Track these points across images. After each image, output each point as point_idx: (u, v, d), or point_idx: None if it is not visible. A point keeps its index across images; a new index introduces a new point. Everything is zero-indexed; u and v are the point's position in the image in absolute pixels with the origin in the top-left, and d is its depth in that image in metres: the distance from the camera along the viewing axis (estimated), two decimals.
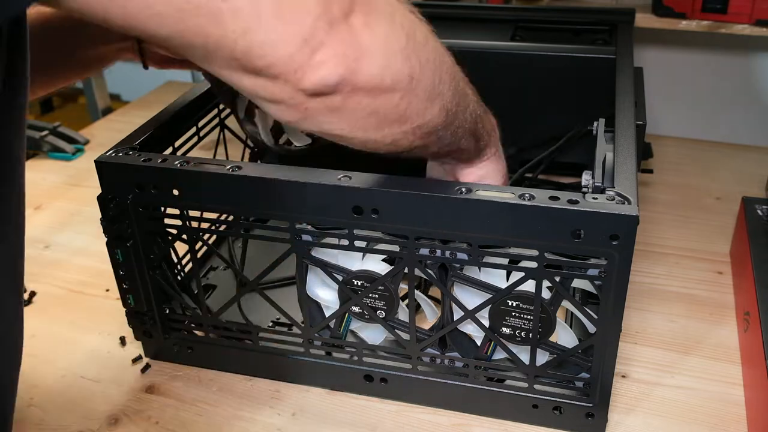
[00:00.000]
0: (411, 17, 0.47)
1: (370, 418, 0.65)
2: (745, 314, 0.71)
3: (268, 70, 0.40)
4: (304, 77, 0.41)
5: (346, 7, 0.41)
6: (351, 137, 0.47)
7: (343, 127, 0.45)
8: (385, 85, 0.44)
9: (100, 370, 0.71)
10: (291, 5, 0.39)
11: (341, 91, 0.42)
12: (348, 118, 0.45)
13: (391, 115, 0.46)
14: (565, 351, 0.59)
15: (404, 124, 0.47)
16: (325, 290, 0.64)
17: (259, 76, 0.41)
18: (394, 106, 0.45)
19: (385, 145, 0.49)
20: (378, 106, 0.45)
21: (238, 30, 0.38)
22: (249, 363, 0.69)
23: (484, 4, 1.07)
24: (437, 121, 0.49)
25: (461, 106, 0.51)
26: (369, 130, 0.46)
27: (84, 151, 1.14)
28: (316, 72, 0.40)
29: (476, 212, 0.53)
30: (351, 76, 0.42)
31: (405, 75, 0.44)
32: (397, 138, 0.48)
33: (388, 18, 0.44)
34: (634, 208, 0.50)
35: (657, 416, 0.64)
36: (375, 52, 0.42)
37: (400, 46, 0.44)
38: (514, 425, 0.63)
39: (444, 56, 0.49)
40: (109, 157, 0.60)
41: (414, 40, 0.45)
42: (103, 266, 0.75)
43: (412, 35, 0.45)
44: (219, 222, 0.62)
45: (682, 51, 1.11)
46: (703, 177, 1.02)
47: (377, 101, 0.44)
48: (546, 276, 0.55)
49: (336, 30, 0.40)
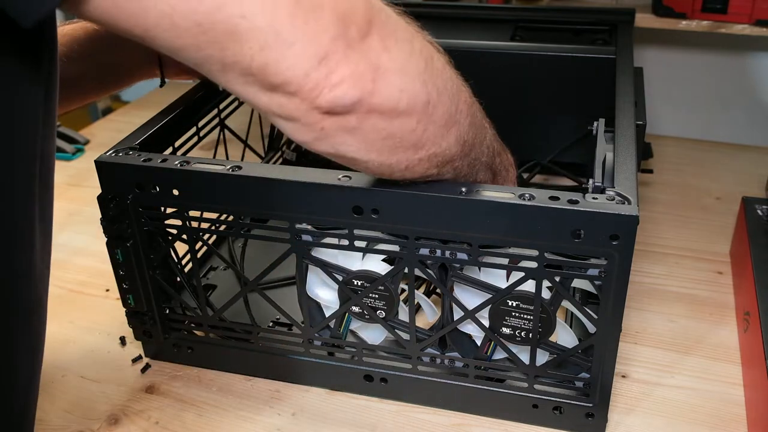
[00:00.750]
0: (429, 46, 0.47)
1: (370, 418, 0.65)
2: (745, 314, 0.71)
3: (284, 87, 0.40)
4: (320, 96, 0.41)
5: (364, 29, 0.41)
6: (366, 161, 0.47)
7: (358, 148, 0.45)
8: (402, 108, 0.44)
9: (100, 370, 0.71)
10: (309, 24, 0.39)
11: (357, 111, 0.42)
12: (363, 140, 0.45)
13: (406, 139, 0.46)
14: (565, 351, 0.59)
15: (420, 150, 0.47)
16: (325, 290, 0.64)
17: (275, 92, 0.41)
18: (410, 130, 0.45)
19: (400, 171, 0.48)
20: (394, 130, 0.44)
21: (255, 46, 0.38)
22: (249, 363, 0.69)
23: (484, 4, 1.07)
24: (453, 151, 0.49)
25: (478, 138, 0.51)
26: (383, 154, 0.46)
27: (84, 151, 1.14)
28: (332, 91, 0.41)
29: (476, 212, 0.53)
30: (367, 96, 0.42)
31: (422, 100, 0.44)
32: (412, 164, 0.48)
33: (406, 43, 0.44)
34: (634, 208, 0.50)
35: (657, 416, 0.64)
36: (392, 74, 0.42)
37: (418, 71, 0.44)
38: (514, 425, 0.63)
39: (461, 87, 0.49)
40: (109, 157, 0.60)
41: (432, 66, 0.45)
42: (103, 266, 0.75)
43: (431, 62, 0.45)
44: (219, 222, 0.62)
45: (682, 51, 1.11)
46: (703, 177, 1.02)
47: (393, 124, 0.44)
48: (546, 276, 0.55)
49: (353, 50, 0.40)
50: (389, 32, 0.43)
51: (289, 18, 0.38)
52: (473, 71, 0.53)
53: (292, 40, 0.38)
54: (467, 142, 0.50)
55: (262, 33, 0.38)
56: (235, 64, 0.39)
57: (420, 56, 0.45)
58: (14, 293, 0.44)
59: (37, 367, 0.48)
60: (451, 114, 0.47)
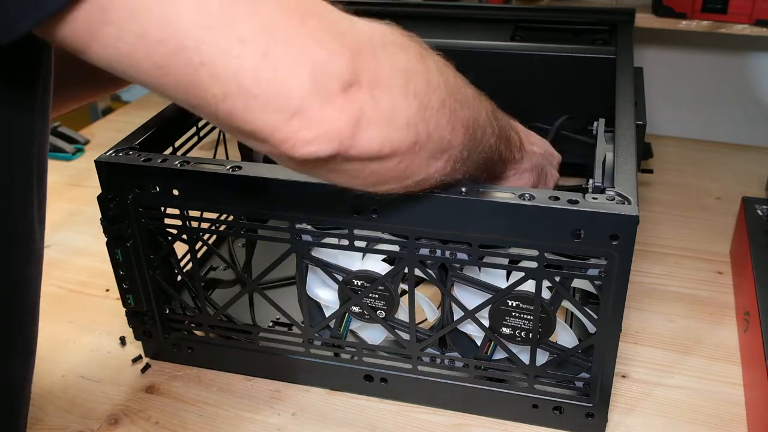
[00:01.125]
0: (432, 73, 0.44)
1: (370, 418, 0.65)
2: (745, 314, 0.71)
3: (253, 135, 0.38)
4: (293, 149, 0.38)
5: (349, 80, 0.38)
6: (356, 189, 0.45)
7: (343, 182, 0.44)
8: (384, 154, 0.41)
9: (100, 370, 0.71)
10: (278, 76, 0.36)
11: (334, 161, 0.40)
12: (346, 178, 0.43)
13: (390, 174, 0.44)
14: (565, 351, 0.59)
15: (406, 180, 0.46)
16: (325, 290, 0.64)
17: (247, 137, 0.39)
18: (392, 168, 0.43)
19: (394, 192, 0.47)
20: (376, 169, 0.43)
21: (218, 94, 0.36)
22: (249, 363, 0.69)
23: (484, 4, 1.07)
24: (443, 172, 0.48)
25: (474, 150, 0.49)
26: (370, 186, 0.45)
27: (84, 151, 1.14)
28: (304, 147, 0.38)
29: (476, 212, 0.53)
30: (345, 149, 0.39)
31: (408, 143, 0.42)
32: (402, 189, 0.47)
33: (399, 88, 0.41)
34: (634, 208, 0.50)
35: (657, 416, 0.64)
36: (376, 125, 0.39)
37: (407, 117, 0.41)
38: (514, 425, 0.63)
39: (464, 105, 0.47)
40: (109, 157, 0.60)
41: (427, 106, 0.43)
42: (103, 266, 0.75)
43: (426, 102, 0.42)
44: (219, 222, 0.62)
45: (682, 51, 1.11)
46: (703, 177, 1.02)
47: (373, 165, 0.42)
48: (546, 276, 0.55)
49: (332, 105, 0.37)
50: (381, 78, 0.39)
51: (252, 71, 0.35)
52: (473, 71, 0.53)
53: (257, 93, 0.35)
54: (460, 158, 0.48)
55: (223, 84, 0.35)
56: (201, 108, 0.37)
57: (414, 99, 0.41)
58: (14, 294, 0.44)
59: (31, 368, 0.48)
60: (441, 144, 0.45)
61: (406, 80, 0.41)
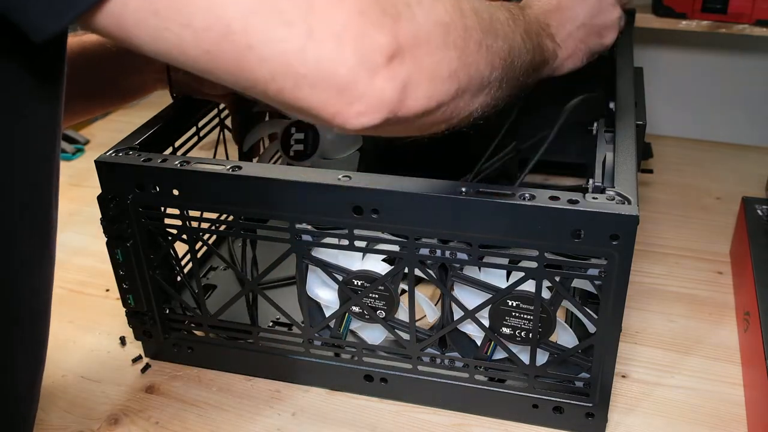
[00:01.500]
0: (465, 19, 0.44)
1: (370, 418, 0.65)
2: (745, 314, 0.71)
3: (306, 110, 0.39)
4: (346, 122, 0.39)
5: (391, 50, 0.38)
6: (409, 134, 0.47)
7: (394, 134, 0.45)
8: (431, 108, 0.42)
9: (100, 370, 0.71)
10: (323, 55, 0.36)
11: (386, 123, 0.41)
12: (396, 131, 0.44)
13: (438, 120, 0.45)
14: (565, 351, 0.59)
15: (451, 120, 0.46)
16: (325, 290, 0.64)
17: (300, 112, 0.40)
18: (439, 115, 0.44)
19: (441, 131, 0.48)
20: (424, 121, 0.44)
21: (267, 75, 0.37)
22: (249, 363, 0.69)
23: None
24: (485, 104, 0.48)
25: (512, 76, 0.49)
26: (417, 132, 0.46)
27: (84, 151, 1.14)
28: (356, 119, 0.39)
29: (476, 212, 0.53)
30: (394, 114, 0.40)
31: (451, 93, 0.43)
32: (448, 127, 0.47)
33: (439, 43, 0.41)
34: (634, 208, 0.50)
35: (657, 416, 0.64)
36: (420, 86, 0.40)
37: (449, 70, 0.42)
38: (514, 425, 0.63)
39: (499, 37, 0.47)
40: (109, 157, 0.60)
41: (466, 53, 0.43)
42: (103, 266, 0.75)
43: (465, 48, 0.43)
44: (219, 222, 0.62)
45: (682, 51, 1.11)
46: (703, 177, 1.02)
47: (423, 119, 0.43)
48: (546, 276, 0.55)
49: (378, 76, 0.38)
50: (421, 39, 0.40)
51: (299, 52, 0.36)
52: None
53: (305, 72, 0.37)
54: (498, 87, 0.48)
55: (271, 64, 0.36)
56: (252, 89, 0.38)
57: (454, 51, 0.42)
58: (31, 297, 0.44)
59: (39, 374, 0.48)
60: (482, 83, 0.46)
61: (445, 33, 0.42)
